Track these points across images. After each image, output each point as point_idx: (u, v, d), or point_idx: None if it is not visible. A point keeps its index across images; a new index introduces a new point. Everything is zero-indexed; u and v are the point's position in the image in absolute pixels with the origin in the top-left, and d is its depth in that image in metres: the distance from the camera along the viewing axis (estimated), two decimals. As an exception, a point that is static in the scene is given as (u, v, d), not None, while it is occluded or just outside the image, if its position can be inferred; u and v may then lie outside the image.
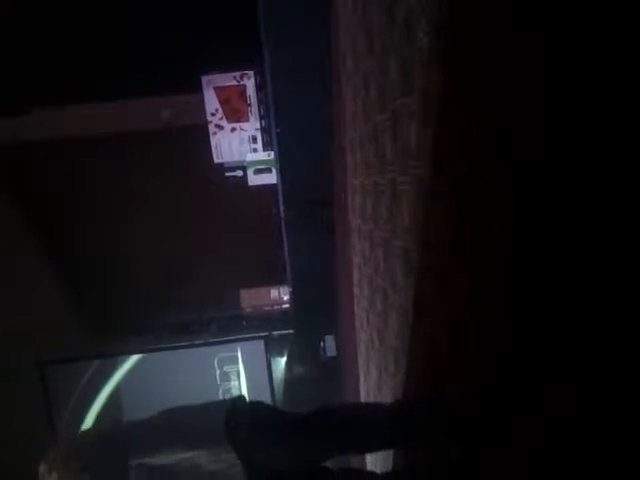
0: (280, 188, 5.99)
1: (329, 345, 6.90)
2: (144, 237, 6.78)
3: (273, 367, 7.32)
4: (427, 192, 2.19)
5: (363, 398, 4.99)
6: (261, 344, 7.28)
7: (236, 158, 6.50)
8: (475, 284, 1.74)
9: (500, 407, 1.61)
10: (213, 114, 6.42)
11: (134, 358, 7.39)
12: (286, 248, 6.08)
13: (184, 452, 1.89)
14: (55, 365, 7.10)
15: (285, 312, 7.21)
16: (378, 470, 3.63)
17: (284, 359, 7.44)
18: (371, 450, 2.16)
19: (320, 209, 5.73)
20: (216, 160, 6.51)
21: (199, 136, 6.44)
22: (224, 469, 1.88)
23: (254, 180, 6.47)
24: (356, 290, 4.76)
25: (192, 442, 1.95)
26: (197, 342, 7.29)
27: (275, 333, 7.24)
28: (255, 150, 6.51)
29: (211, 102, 6.39)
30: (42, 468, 2.00)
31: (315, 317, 6.62)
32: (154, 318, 7.06)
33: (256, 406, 2.31)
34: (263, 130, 6.45)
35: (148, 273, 6.88)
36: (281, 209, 5.96)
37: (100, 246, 6.81)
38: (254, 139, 6.50)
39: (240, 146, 6.49)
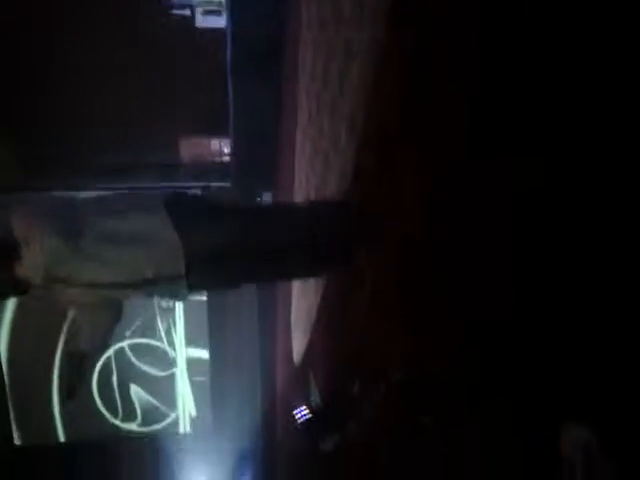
0: (229, 32, 5.66)
1: (266, 201, 6.93)
2: (84, 74, 6.36)
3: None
4: (381, 54, 2.13)
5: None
6: (198, 193, 7.23)
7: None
8: (420, 150, 1.76)
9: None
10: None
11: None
12: (231, 97, 5.85)
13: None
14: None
15: (225, 165, 7.09)
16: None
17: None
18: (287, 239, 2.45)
19: (268, 60, 5.47)
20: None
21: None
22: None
23: (202, 22, 6.09)
24: (298, 149, 4.72)
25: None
26: (133, 186, 7.17)
27: (213, 185, 7.17)
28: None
29: None
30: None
31: (254, 173, 6.56)
32: (91, 159, 6.81)
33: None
34: (215, -34, 6.00)
35: (87, 113, 6.53)
36: (228, 55, 5.66)
37: (38, 80, 6.37)
38: (205, -25, 6.04)
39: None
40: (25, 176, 6.84)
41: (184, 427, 8.08)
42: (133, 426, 7.99)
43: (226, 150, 6.97)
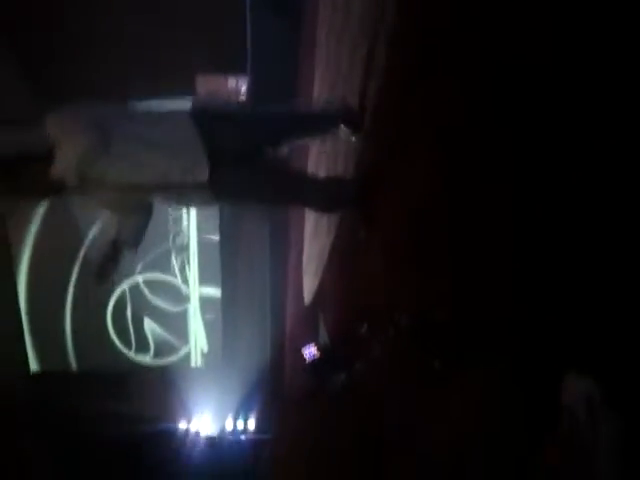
0: None
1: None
2: (103, 9, 6.18)
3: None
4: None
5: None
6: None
7: None
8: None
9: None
10: None
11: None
12: (249, 34, 5.69)
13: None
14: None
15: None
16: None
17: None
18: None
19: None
20: None
21: None
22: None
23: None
24: (316, 88, 4.61)
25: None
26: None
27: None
28: None
29: None
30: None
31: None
32: (107, 96, 6.68)
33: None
34: None
35: (102, 49, 6.37)
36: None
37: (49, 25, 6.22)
38: None
39: None
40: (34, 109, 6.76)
41: (195, 361, 8.24)
42: (146, 359, 8.17)
43: (243, 88, 6.83)
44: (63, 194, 2.43)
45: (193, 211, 7.39)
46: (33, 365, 8.01)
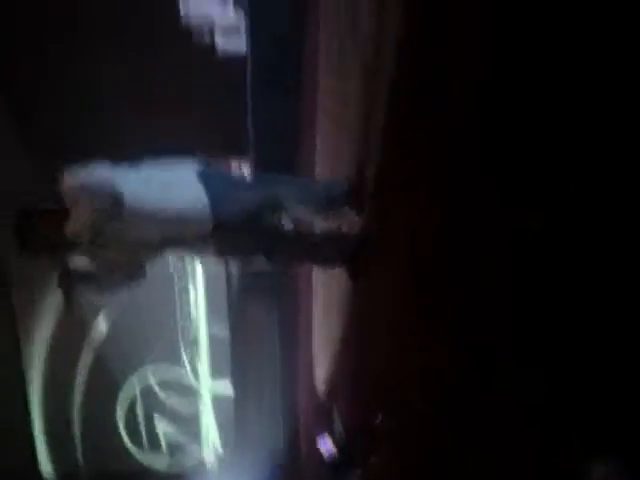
0: (248, 54, 5.71)
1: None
2: (105, 94, 6.37)
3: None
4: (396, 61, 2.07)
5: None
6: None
7: (203, 13, 6.09)
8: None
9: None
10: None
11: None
12: (250, 117, 5.83)
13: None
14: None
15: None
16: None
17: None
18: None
19: (290, 78, 5.46)
20: (183, 13, 6.06)
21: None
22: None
23: (221, 44, 6.10)
24: (317, 171, 4.69)
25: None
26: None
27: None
28: (224, 9, 6.09)
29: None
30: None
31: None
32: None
33: None
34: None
35: (109, 132, 6.53)
36: (248, 74, 5.65)
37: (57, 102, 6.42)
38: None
39: (209, 1, 6.07)
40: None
41: (209, 462, 8.01)
42: (159, 460, 7.91)
43: (246, 171, 6.95)
44: (76, 250, 2.63)
45: (202, 301, 7.40)
46: (44, 467, 7.69)
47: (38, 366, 7.55)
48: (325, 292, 4.33)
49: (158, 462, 7.89)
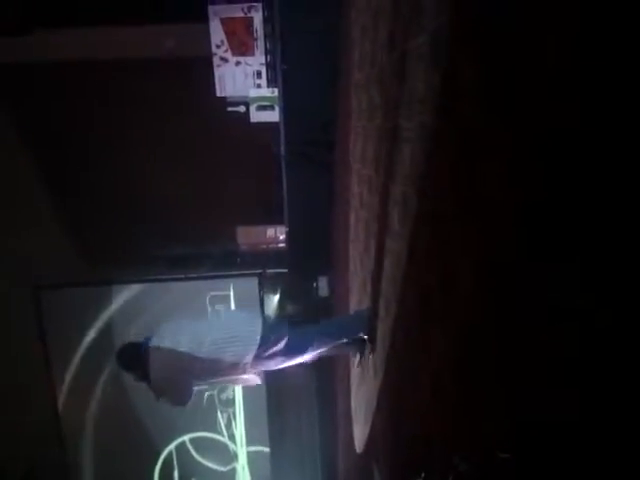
0: (282, 126, 5.90)
1: (322, 286, 6.95)
2: (144, 168, 6.72)
3: (265, 306, 7.40)
4: (430, 138, 2.17)
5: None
6: (254, 281, 7.34)
7: (239, 93, 6.39)
8: (472, 233, 1.75)
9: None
10: (218, 46, 6.28)
11: (129, 289, 7.46)
12: (285, 186, 6.02)
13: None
14: (51, 290, 7.18)
15: (280, 251, 7.23)
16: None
17: (277, 298, 7.49)
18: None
19: (321, 149, 5.65)
20: (219, 94, 6.40)
21: (202, 68, 6.31)
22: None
23: (256, 117, 6.37)
24: (352, 233, 4.77)
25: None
26: (191, 275, 7.34)
27: (269, 271, 7.28)
28: (259, 86, 6.40)
29: (217, 33, 6.24)
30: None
31: (310, 257, 6.65)
32: (151, 250, 7.08)
33: None
34: (268, 65, 6.32)
35: (147, 205, 6.85)
36: (282, 147, 5.88)
37: (101, 174, 6.76)
38: (259, 74, 6.38)
39: (244, 81, 6.37)
40: (90, 267, 7.14)
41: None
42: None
43: (282, 237, 7.12)
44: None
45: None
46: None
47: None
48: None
49: None
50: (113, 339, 7.37)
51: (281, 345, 3.55)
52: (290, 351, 3.61)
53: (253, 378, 3.69)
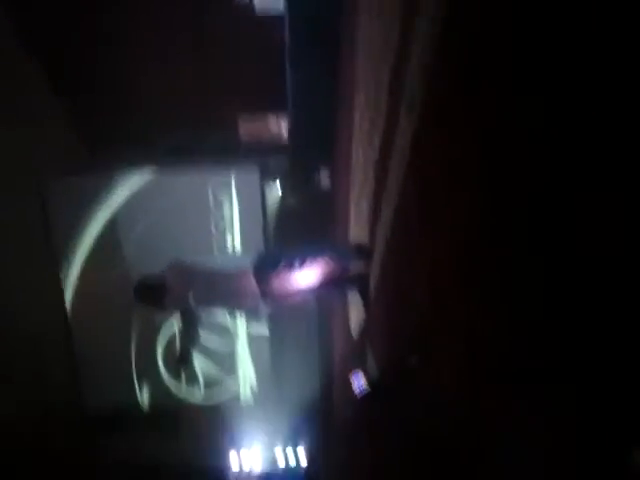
0: (287, 15, 5.66)
1: (323, 178, 6.96)
2: (145, 57, 6.54)
3: (266, 196, 7.44)
4: (440, 32, 2.13)
5: (352, 234, 5.17)
6: (256, 171, 7.34)
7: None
8: (477, 131, 1.77)
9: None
10: None
11: (131, 180, 7.47)
12: (289, 76, 5.87)
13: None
14: (55, 180, 7.19)
15: (282, 144, 7.17)
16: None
17: (278, 190, 7.53)
18: None
19: (325, 39, 5.47)
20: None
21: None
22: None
23: (260, 3, 6.12)
24: (356, 127, 4.72)
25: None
26: (193, 164, 7.33)
27: (271, 162, 7.25)
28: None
29: None
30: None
31: (312, 149, 6.61)
32: (153, 138, 7.02)
33: None
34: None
35: (148, 92, 6.73)
36: (286, 36, 5.68)
37: (102, 64, 6.59)
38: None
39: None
40: (90, 154, 7.12)
41: (245, 397, 8.28)
42: (196, 395, 8.23)
43: (284, 127, 7.03)
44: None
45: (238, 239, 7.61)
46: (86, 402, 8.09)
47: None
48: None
49: (195, 397, 8.22)
50: (119, 234, 7.51)
51: (282, 263, 3.82)
52: (289, 263, 3.83)
53: (255, 306, 3.96)
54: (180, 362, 4.44)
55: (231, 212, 7.53)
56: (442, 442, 2.27)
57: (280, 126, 7.12)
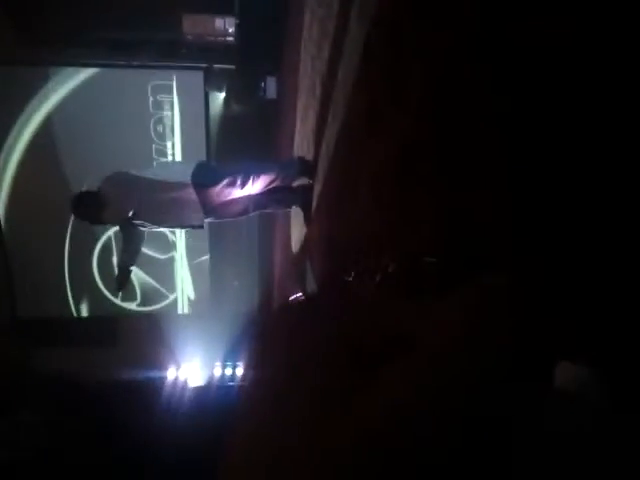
0: None
1: (270, 86, 6.73)
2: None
3: (210, 103, 7.17)
4: None
5: (296, 145, 5.08)
6: (200, 75, 7.04)
7: None
8: (429, 41, 1.69)
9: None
10: None
11: (68, 77, 7.03)
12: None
13: None
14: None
15: (228, 45, 6.82)
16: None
17: (222, 95, 7.23)
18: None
19: None
20: None
21: None
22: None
23: None
24: (305, 33, 4.55)
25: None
26: (133, 62, 6.93)
27: (215, 66, 6.94)
28: None
29: None
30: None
31: (259, 55, 6.35)
32: (91, 30, 6.55)
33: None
34: None
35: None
36: None
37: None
38: None
39: None
40: (24, 49, 6.64)
41: (182, 308, 8.27)
42: (132, 306, 8.18)
43: (231, 30, 6.68)
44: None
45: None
46: (20, 311, 7.96)
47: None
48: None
49: (132, 308, 8.20)
50: (53, 131, 7.14)
51: (223, 175, 3.80)
52: (231, 182, 3.80)
53: (197, 217, 3.83)
54: (119, 278, 4.31)
55: (172, 117, 7.24)
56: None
57: (227, 28, 6.75)
